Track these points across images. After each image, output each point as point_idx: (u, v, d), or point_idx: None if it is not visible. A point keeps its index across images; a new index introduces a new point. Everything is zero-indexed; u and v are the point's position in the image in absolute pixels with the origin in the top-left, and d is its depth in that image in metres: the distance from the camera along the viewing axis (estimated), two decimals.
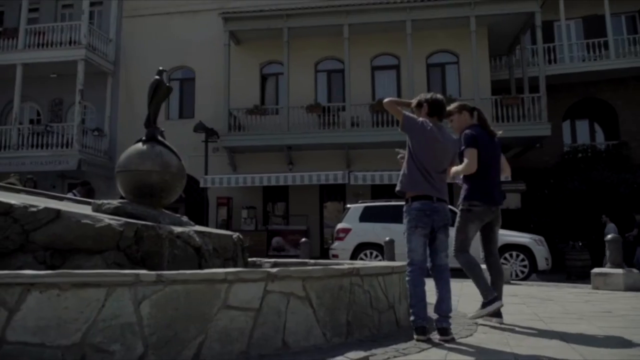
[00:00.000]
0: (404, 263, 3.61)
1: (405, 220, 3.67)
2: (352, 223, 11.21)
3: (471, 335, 3.48)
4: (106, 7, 18.40)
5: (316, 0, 16.62)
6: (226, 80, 16.03)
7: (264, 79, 17.63)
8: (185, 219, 4.60)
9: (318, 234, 16.11)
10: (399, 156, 4.38)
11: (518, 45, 17.15)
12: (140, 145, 4.40)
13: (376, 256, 10.68)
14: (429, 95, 3.99)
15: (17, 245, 3.38)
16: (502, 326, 3.94)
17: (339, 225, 11.34)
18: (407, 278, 3.48)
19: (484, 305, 4.07)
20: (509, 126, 14.65)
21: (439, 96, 4.01)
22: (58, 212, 3.49)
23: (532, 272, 10.18)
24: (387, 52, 16.74)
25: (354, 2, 16.06)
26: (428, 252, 3.62)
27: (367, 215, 11.18)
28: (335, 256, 10.97)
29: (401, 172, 3.86)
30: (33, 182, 9.59)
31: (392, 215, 11.03)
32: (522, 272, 10.17)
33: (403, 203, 3.79)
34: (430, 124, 3.81)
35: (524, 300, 5.93)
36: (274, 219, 16.77)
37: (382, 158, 15.27)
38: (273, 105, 16.72)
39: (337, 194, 16.64)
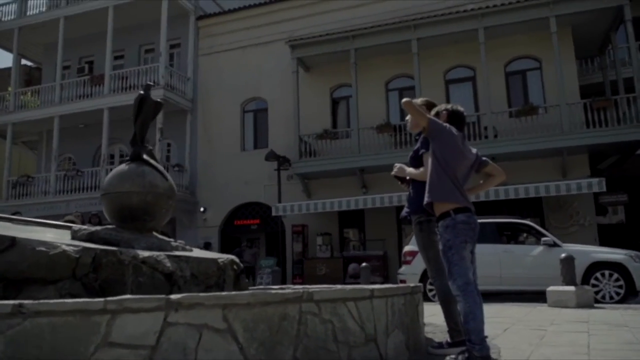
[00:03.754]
0: (389, 285, 3.02)
1: (449, 236, 3.22)
2: None
3: None
4: (184, 47, 19.28)
5: (382, 16, 16.19)
6: (296, 107, 15.97)
7: (335, 103, 17.40)
8: (176, 243, 4.26)
9: (396, 258, 15.29)
10: (393, 171, 3.81)
11: (610, 45, 15.46)
12: (123, 166, 4.15)
13: None
14: (449, 105, 3.60)
15: None
16: None
17: (406, 248, 10.54)
18: (465, 300, 3.08)
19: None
20: (603, 132, 13.16)
21: (461, 108, 3.59)
22: (13, 240, 3.24)
23: (631, 294, 8.72)
24: (461, 64, 15.84)
25: (422, 15, 15.44)
26: None
27: None
28: (402, 281, 10.17)
29: (428, 183, 3.38)
30: (97, 218, 9.90)
31: None
32: (618, 293, 8.74)
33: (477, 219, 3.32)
34: (457, 132, 3.31)
35: (591, 327, 4.91)
36: (350, 245, 16.21)
37: None
38: (343, 129, 16.35)
39: None
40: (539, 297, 8.48)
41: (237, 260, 4.35)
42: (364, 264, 9.62)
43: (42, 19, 19.43)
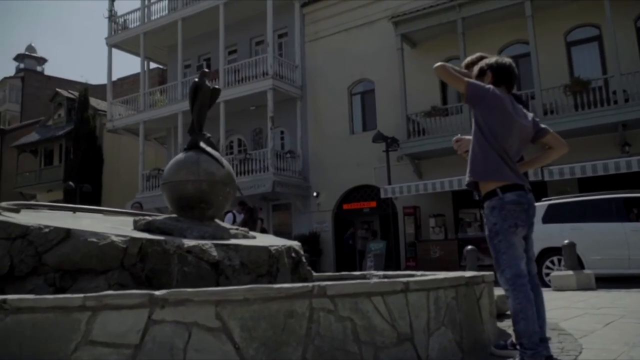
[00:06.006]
0: (434, 276, 2.66)
1: (495, 219, 2.78)
2: None
3: None
4: (291, 36, 19.54)
5: None
6: (402, 85, 15.43)
7: None
8: (236, 230, 4.19)
9: None
10: (455, 139, 3.37)
11: None
12: (180, 155, 4.17)
13: None
14: (492, 60, 3.03)
15: (30, 268, 3.38)
16: None
17: None
18: (515, 295, 2.64)
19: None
20: None
21: (507, 59, 3.03)
22: (68, 232, 3.39)
23: None
24: (584, 22, 14.14)
25: None
26: None
27: (552, 215, 9.33)
28: None
29: (470, 159, 2.94)
30: (139, 205, 10.44)
31: (583, 213, 9.06)
32: None
33: (596, 197, 2.89)
34: (504, 94, 2.82)
35: None
36: (466, 226, 15.37)
37: (587, 146, 12.90)
38: (454, 104, 15.46)
39: (539, 193, 14.47)
40: None
41: (297, 247, 4.20)
42: (469, 247, 8.99)
43: (162, 22, 20.83)
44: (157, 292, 2.10)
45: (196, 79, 4.32)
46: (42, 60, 55.41)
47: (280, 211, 19.48)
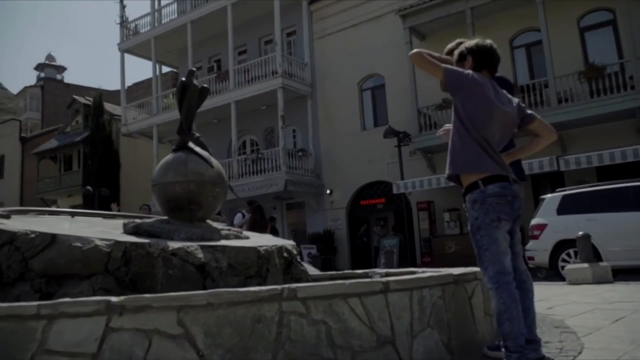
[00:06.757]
0: (418, 274, 2.54)
1: (477, 213, 2.60)
2: (548, 217, 9.22)
3: None
4: (299, 34, 19.44)
5: None
6: (412, 79, 15.23)
7: None
8: (227, 231, 4.12)
9: None
10: (443, 129, 3.24)
11: None
12: (169, 155, 4.11)
13: None
14: (472, 43, 2.85)
15: (17, 274, 3.34)
16: None
17: (533, 221, 9.45)
18: (498, 295, 2.48)
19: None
20: None
21: (488, 41, 2.84)
22: (53, 237, 3.34)
23: None
24: (597, 6, 13.77)
25: None
26: None
27: (567, 206, 9.06)
28: (530, 258, 9.17)
29: (449, 150, 2.76)
30: (148, 208, 10.43)
31: (599, 203, 8.78)
32: None
33: (613, 186, 2.72)
34: (485, 79, 2.67)
35: None
36: None
37: (604, 134, 12.59)
38: None
39: (555, 184, 14.15)
40: None
41: (289, 246, 4.10)
42: None
43: (172, 26, 20.92)
44: (113, 299, 2.02)
45: (183, 79, 4.25)
46: (61, 69, 56.40)
47: (294, 210, 19.42)
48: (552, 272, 9.24)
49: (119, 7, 23.08)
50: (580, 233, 7.71)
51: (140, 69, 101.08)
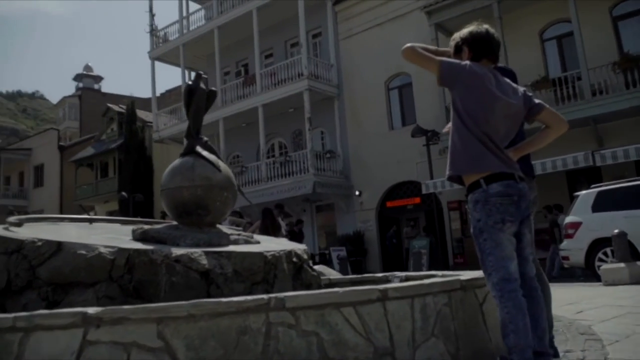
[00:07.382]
0: (423, 280, 2.40)
1: (479, 215, 2.41)
2: (582, 215, 8.86)
3: None
4: (324, 35, 19.35)
5: None
6: None
7: None
8: (237, 236, 4.03)
9: None
10: (445, 129, 3.08)
11: None
12: (176, 160, 4.07)
13: None
14: (466, 31, 2.65)
15: (25, 282, 3.34)
16: None
17: (567, 219, 9.10)
18: (503, 304, 2.30)
19: None
20: None
21: (484, 27, 2.63)
22: (59, 245, 3.34)
23: None
24: None
25: None
26: None
27: (603, 203, 8.68)
28: (565, 258, 8.83)
29: (449, 149, 2.61)
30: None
31: (636, 199, 8.38)
32: None
33: None
34: (484, 69, 2.50)
35: None
36: None
37: None
38: None
39: (592, 180, 13.61)
40: None
41: (299, 251, 3.99)
42: None
43: (200, 32, 21.15)
44: (90, 310, 1.95)
45: (188, 82, 4.20)
46: (98, 79, 58.02)
47: (323, 212, 19.32)
48: (589, 273, 8.86)
49: (149, 16, 23.52)
50: (616, 231, 7.36)
51: (171, 76, 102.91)
